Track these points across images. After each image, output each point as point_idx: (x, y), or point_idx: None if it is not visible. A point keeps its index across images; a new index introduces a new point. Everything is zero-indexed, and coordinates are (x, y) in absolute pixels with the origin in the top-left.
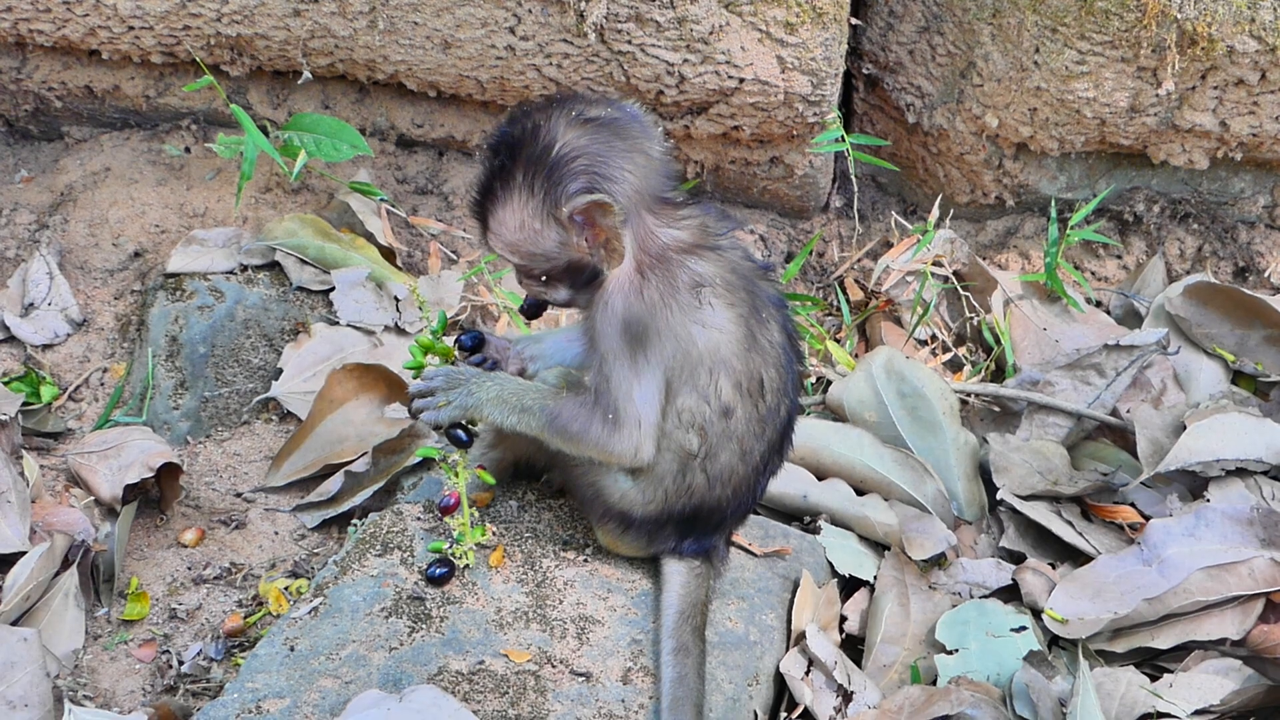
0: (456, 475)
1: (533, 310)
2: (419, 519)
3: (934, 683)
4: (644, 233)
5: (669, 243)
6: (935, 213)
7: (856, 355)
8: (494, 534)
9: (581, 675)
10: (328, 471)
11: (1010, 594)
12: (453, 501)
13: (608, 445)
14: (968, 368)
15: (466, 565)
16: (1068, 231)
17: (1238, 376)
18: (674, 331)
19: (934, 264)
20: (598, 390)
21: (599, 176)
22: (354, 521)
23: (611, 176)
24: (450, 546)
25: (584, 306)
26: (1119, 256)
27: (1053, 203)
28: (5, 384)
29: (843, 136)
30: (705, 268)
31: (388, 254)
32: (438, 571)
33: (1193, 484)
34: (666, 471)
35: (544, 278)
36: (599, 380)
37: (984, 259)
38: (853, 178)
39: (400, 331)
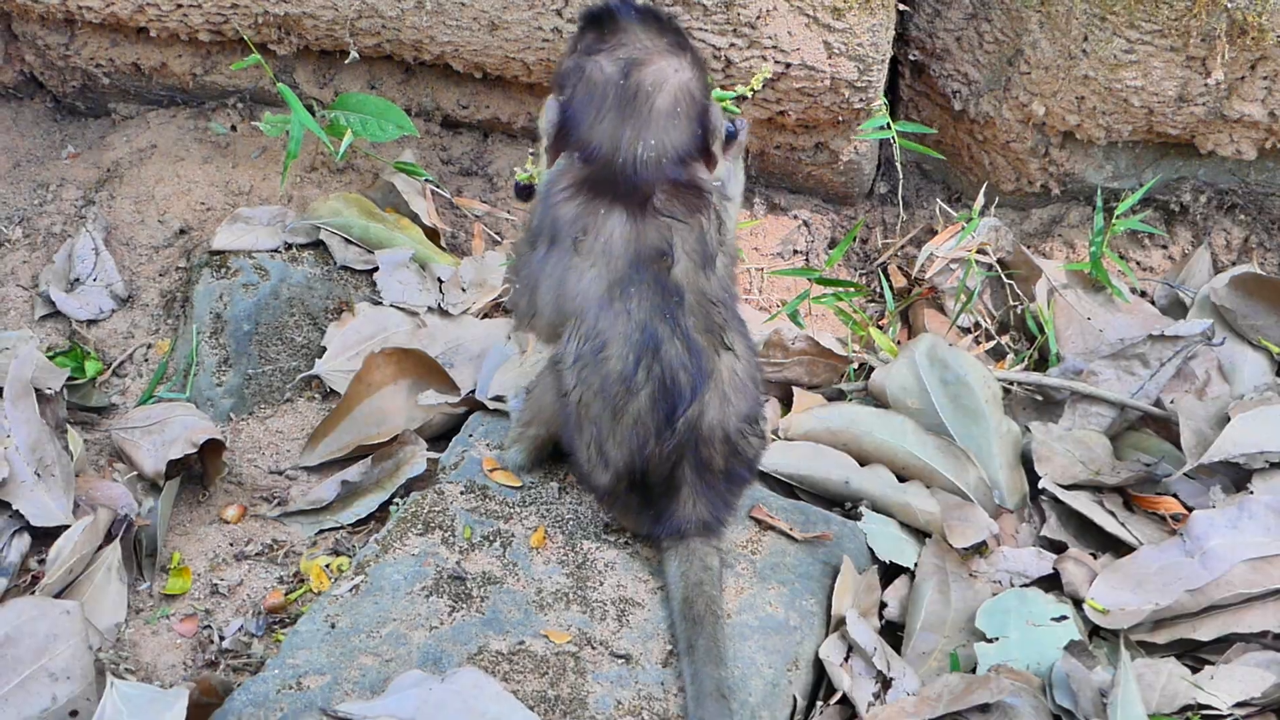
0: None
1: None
2: (461, 498)
3: (974, 671)
4: None
5: None
6: (980, 200)
7: (899, 342)
8: None
9: (621, 657)
10: (362, 453)
11: (1051, 583)
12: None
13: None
14: (1011, 356)
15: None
16: (1113, 221)
17: None
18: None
19: (978, 252)
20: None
21: None
22: (396, 500)
23: None
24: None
25: None
26: (1164, 247)
27: (1098, 192)
28: (50, 358)
29: (889, 123)
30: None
31: (432, 234)
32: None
33: (1236, 476)
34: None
35: None
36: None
37: (1028, 247)
38: (897, 164)
39: (443, 313)
